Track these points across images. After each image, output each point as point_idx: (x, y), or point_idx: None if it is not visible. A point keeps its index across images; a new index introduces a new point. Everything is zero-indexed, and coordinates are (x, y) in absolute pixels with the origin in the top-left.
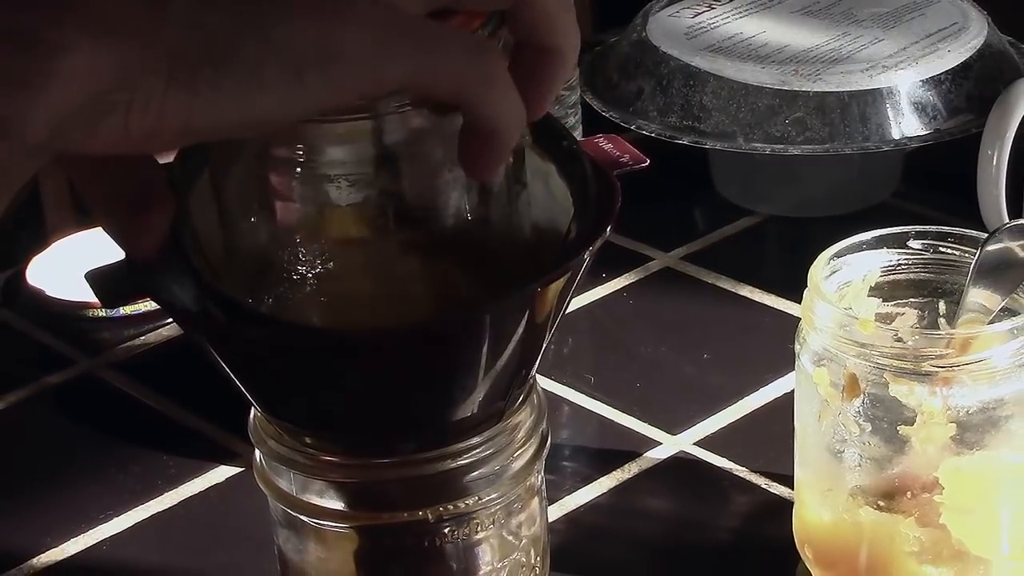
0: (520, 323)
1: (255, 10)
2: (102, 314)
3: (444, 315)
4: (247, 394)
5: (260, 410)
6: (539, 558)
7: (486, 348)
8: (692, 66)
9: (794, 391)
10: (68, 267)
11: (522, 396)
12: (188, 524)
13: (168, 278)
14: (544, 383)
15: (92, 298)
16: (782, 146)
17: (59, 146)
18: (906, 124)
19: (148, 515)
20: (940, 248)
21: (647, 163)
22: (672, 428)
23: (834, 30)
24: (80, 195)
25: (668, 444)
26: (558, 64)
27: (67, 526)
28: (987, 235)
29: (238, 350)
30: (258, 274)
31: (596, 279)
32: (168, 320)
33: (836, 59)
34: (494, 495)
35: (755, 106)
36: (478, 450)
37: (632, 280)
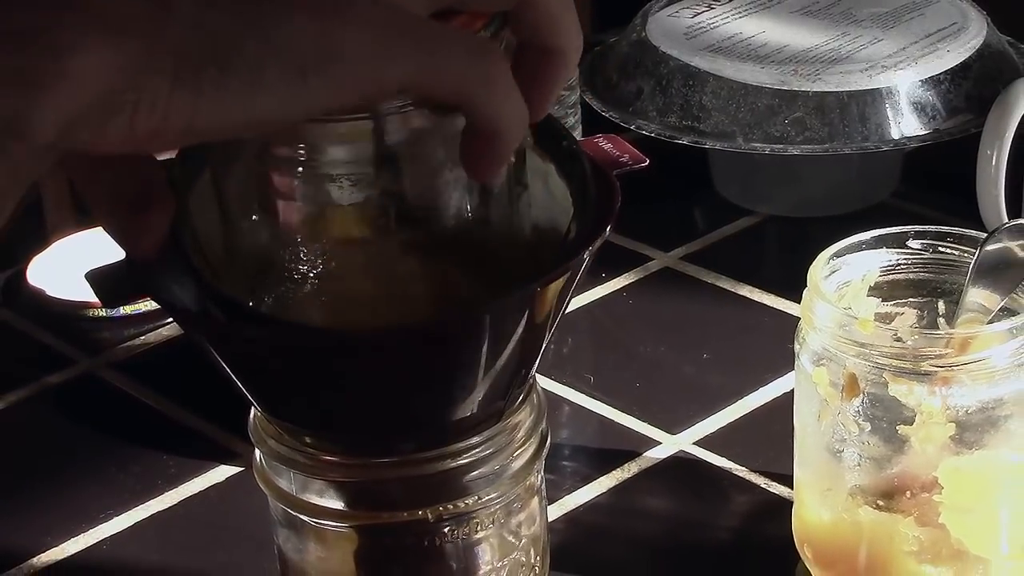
0: (520, 323)
1: (256, 10)
2: (102, 314)
3: (444, 315)
4: (247, 394)
5: (260, 410)
6: (539, 557)
7: (486, 348)
8: (692, 66)
9: (793, 391)
10: (68, 267)
11: (522, 396)
12: (188, 524)
13: (168, 278)
14: (544, 383)
15: (92, 298)
16: (782, 146)
17: (67, 146)
18: (905, 124)
19: (148, 515)
20: (939, 248)
21: (647, 163)
22: (672, 428)
23: (833, 30)
24: (80, 195)
25: (668, 444)
26: (560, 65)
27: (67, 526)
28: (986, 235)
29: (238, 350)
30: (258, 274)
31: (596, 279)
32: (168, 320)
33: (835, 59)
34: (494, 495)
35: (755, 106)
36: (478, 450)
37: (632, 280)
